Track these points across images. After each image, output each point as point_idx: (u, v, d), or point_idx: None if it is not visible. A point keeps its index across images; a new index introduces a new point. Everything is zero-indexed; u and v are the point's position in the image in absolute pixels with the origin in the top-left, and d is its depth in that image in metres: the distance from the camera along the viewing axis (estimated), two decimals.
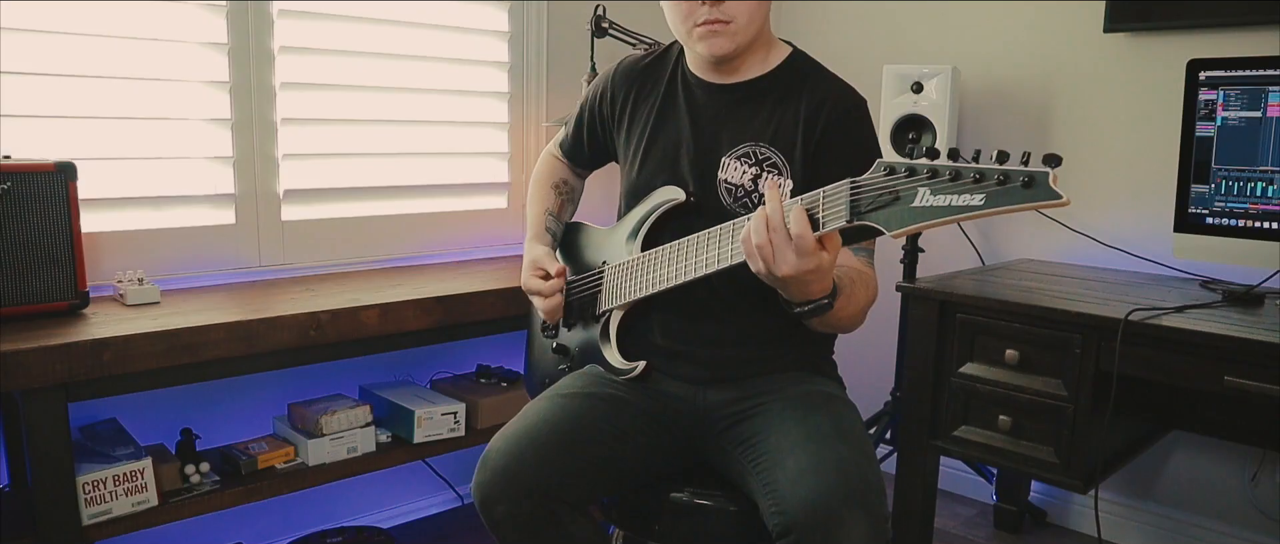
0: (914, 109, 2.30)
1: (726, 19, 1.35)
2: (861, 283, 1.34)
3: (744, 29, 1.37)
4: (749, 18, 1.37)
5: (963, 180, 1.01)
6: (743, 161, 1.42)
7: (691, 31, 1.39)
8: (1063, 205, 0.96)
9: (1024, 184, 0.97)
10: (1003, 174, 0.98)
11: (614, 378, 1.48)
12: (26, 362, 1.39)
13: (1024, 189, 0.97)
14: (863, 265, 1.38)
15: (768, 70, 1.46)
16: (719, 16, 1.35)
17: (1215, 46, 2.08)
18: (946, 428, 1.94)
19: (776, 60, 1.46)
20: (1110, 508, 2.36)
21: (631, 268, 1.46)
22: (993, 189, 0.99)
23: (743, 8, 1.35)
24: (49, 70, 1.71)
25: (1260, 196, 1.82)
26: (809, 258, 1.15)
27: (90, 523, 1.53)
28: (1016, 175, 0.98)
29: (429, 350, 2.21)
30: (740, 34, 1.37)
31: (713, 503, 1.40)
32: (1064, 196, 0.96)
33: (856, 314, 1.35)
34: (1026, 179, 0.97)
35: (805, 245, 1.15)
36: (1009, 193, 0.98)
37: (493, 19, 2.34)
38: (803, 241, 1.15)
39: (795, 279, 1.17)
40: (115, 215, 1.82)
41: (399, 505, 2.35)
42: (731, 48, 1.38)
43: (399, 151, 2.20)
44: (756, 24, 1.39)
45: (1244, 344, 1.53)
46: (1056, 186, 0.96)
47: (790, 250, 1.15)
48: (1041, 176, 0.96)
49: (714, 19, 1.35)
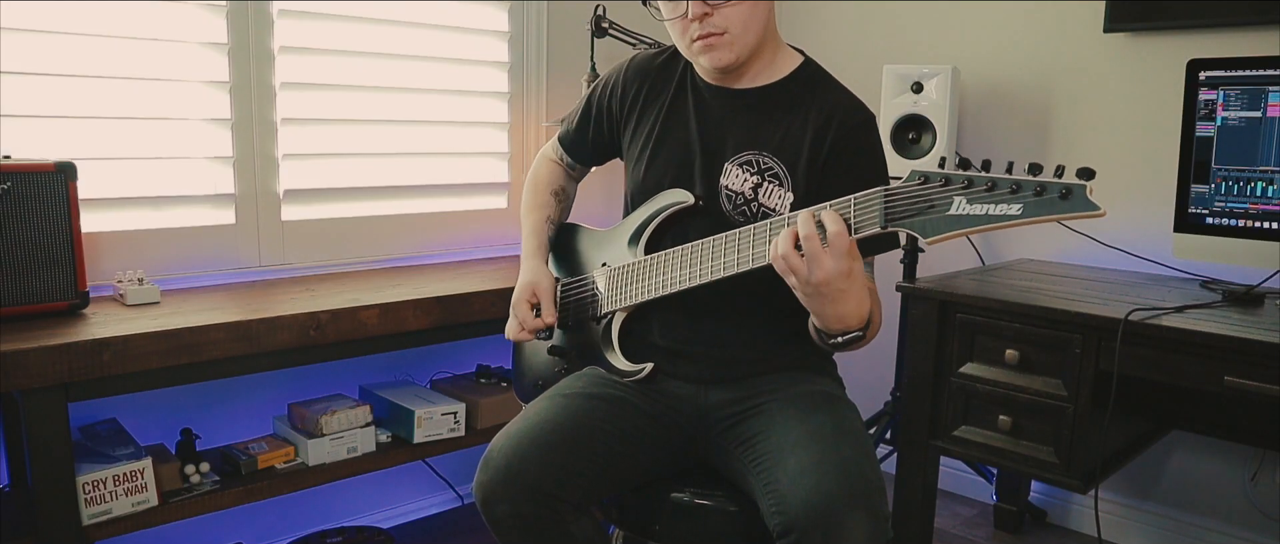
0: (914, 109, 2.30)
1: (719, 30, 1.35)
2: (875, 304, 1.34)
3: (740, 37, 1.37)
4: (743, 25, 1.36)
5: (999, 190, 1.03)
6: (745, 169, 1.42)
7: (691, 47, 1.39)
8: (1100, 216, 0.98)
9: (1062, 196, 1.00)
10: (1040, 186, 1.01)
11: (617, 379, 1.48)
12: (26, 362, 1.39)
13: (1062, 200, 1.00)
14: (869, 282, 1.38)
15: (778, 78, 1.45)
16: (712, 30, 1.35)
17: (1215, 46, 2.08)
18: (946, 428, 1.94)
19: (787, 68, 1.46)
20: (1110, 508, 2.36)
21: (636, 270, 1.46)
22: (1030, 200, 1.01)
23: (735, 15, 1.35)
24: (49, 70, 1.71)
25: (1260, 196, 1.82)
26: (844, 257, 1.15)
27: (90, 523, 1.53)
28: (1054, 187, 1.00)
29: (429, 350, 2.21)
30: (737, 42, 1.37)
31: (713, 503, 1.40)
32: (1102, 208, 0.98)
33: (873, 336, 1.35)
34: (1064, 191, 0.99)
35: (841, 245, 1.15)
36: (1046, 203, 1.01)
37: (493, 19, 2.34)
38: (839, 240, 1.14)
39: (832, 286, 1.17)
40: (115, 215, 1.82)
41: (399, 505, 2.35)
42: (732, 58, 1.38)
43: (399, 151, 2.20)
44: (753, 30, 1.38)
45: (1244, 344, 1.53)
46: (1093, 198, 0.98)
47: (826, 255, 1.15)
48: (1079, 189, 0.99)
49: (707, 33, 1.35)
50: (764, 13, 1.39)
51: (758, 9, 1.37)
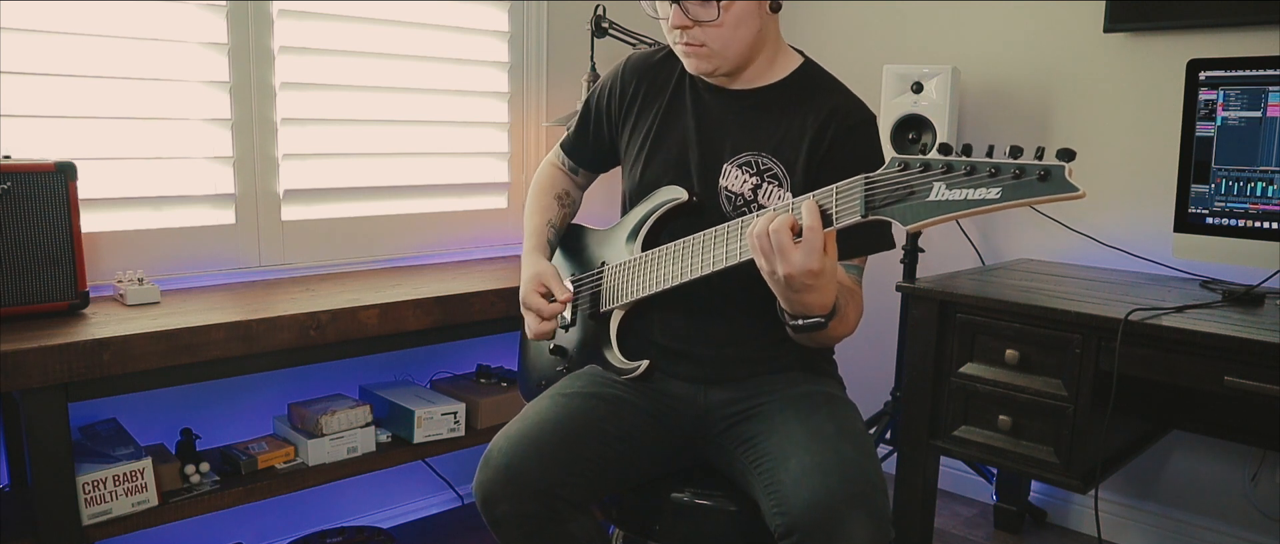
0: (914, 109, 2.30)
1: (698, 43, 1.38)
2: (853, 303, 1.34)
3: (719, 53, 1.38)
4: (723, 43, 1.37)
5: (978, 174, 1.02)
6: (744, 170, 1.42)
7: (676, 47, 1.42)
8: (1079, 198, 0.97)
9: (1040, 177, 0.98)
10: (1019, 168, 0.99)
11: (615, 378, 1.48)
12: (26, 362, 1.39)
13: (1040, 182, 0.98)
14: (852, 282, 1.37)
15: (777, 79, 1.45)
16: (691, 41, 1.38)
17: (1215, 46, 2.08)
18: (946, 428, 1.94)
19: (786, 69, 1.46)
20: (1110, 508, 2.36)
21: (632, 267, 1.46)
22: (1009, 183, 1.00)
23: (714, 34, 1.36)
24: (49, 70, 1.71)
25: (1260, 196, 1.82)
26: (814, 256, 1.14)
27: (90, 523, 1.53)
28: (1032, 169, 0.99)
29: (429, 350, 2.21)
30: (716, 57, 1.39)
31: (713, 503, 1.40)
32: (1081, 189, 0.97)
33: (844, 334, 1.35)
34: (1043, 173, 0.98)
35: (814, 241, 1.14)
36: (1025, 186, 0.99)
37: (493, 19, 2.34)
38: (811, 236, 1.14)
39: (797, 281, 1.16)
40: (115, 215, 1.82)
41: (399, 505, 2.35)
42: (710, 68, 1.41)
43: (399, 151, 2.20)
44: (735, 46, 1.38)
45: (1244, 344, 1.53)
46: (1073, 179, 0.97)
47: (795, 249, 1.15)
48: (1057, 170, 0.97)
49: (688, 42, 1.38)
50: (749, 30, 1.38)
51: (740, 29, 1.37)
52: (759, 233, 1.17)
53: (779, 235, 1.15)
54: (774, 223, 1.16)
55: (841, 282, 1.32)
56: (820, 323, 1.23)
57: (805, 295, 1.19)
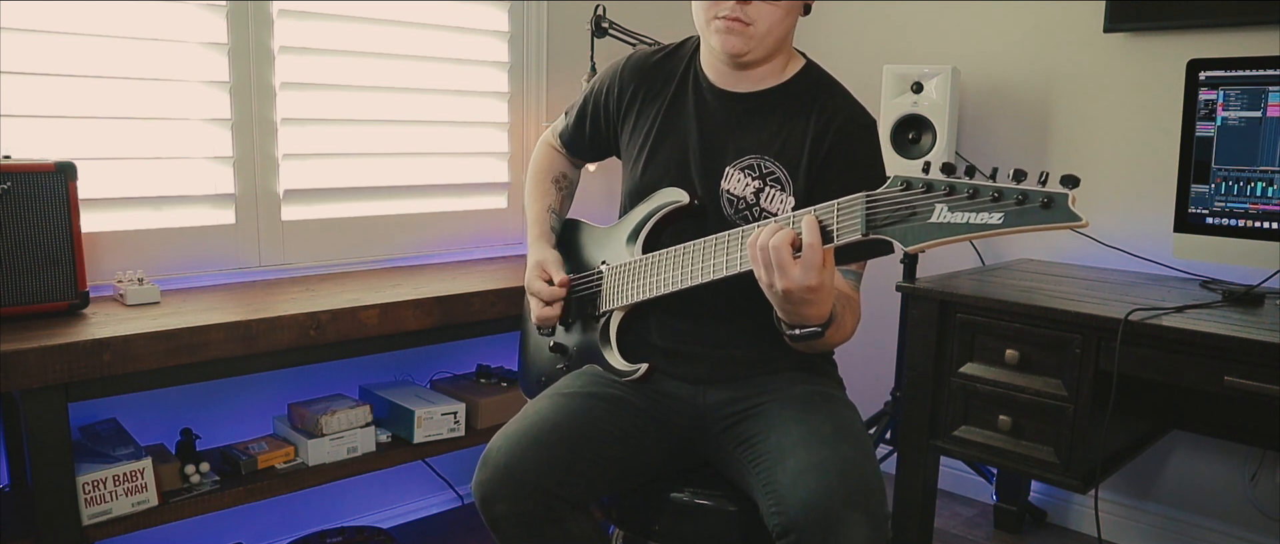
0: (914, 109, 2.30)
1: (748, 20, 1.34)
2: (850, 310, 1.34)
3: (764, 36, 1.36)
4: (770, 26, 1.35)
5: (981, 198, 1.01)
6: (746, 173, 1.42)
7: (710, 23, 1.37)
8: (1082, 227, 0.97)
9: (1043, 205, 0.98)
10: (1022, 194, 0.99)
11: (615, 378, 1.48)
12: (26, 362, 1.39)
13: (1043, 210, 0.98)
14: (850, 289, 1.37)
15: (781, 82, 1.45)
16: (742, 16, 1.33)
17: (1215, 46, 2.08)
18: (946, 428, 1.94)
19: (790, 72, 1.46)
20: (1110, 508, 2.36)
21: (633, 270, 1.46)
22: (1012, 208, 1.00)
23: (769, 12, 1.34)
24: (49, 70, 1.71)
25: (1260, 196, 1.82)
26: (812, 272, 1.14)
27: (90, 523, 1.53)
28: (1036, 195, 0.98)
29: (429, 350, 2.21)
30: (757, 39, 1.36)
31: (713, 503, 1.40)
32: (1084, 219, 0.96)
33: (841, 341, 1.35)
34: (1046, 200, 0.97)
35: (813, 259, 1.14)
36: (1027, 213, 0.99)
37: (493, 19, 2.34)
38: (811, 253, 1.14)
39: (795, 295, 1.17)
40: (115, 215, 1.82)
41: (399, 505, 2.35)
42: (745, 48, 1.36)
43: (399, 151, 2.20)
44: (777, 35, 1.37)
45: (1244, 344, 1.53)
46: (1075, 208, 0.96)
47: (794, 265, 1.15)
48: (1060, 198, 0.97)
49: (736, 16, 1.34)
50: (790, 22, 1.39)
51: (790, 16, 1.37)
52: (759, 245, 1.17)
53: (779, 252, 1.15)
54: (774, 238, 1.16)
55: (839, 288, 1.32)
56: (817, 332, 1.24)
57: (802, 308, 1.19)
